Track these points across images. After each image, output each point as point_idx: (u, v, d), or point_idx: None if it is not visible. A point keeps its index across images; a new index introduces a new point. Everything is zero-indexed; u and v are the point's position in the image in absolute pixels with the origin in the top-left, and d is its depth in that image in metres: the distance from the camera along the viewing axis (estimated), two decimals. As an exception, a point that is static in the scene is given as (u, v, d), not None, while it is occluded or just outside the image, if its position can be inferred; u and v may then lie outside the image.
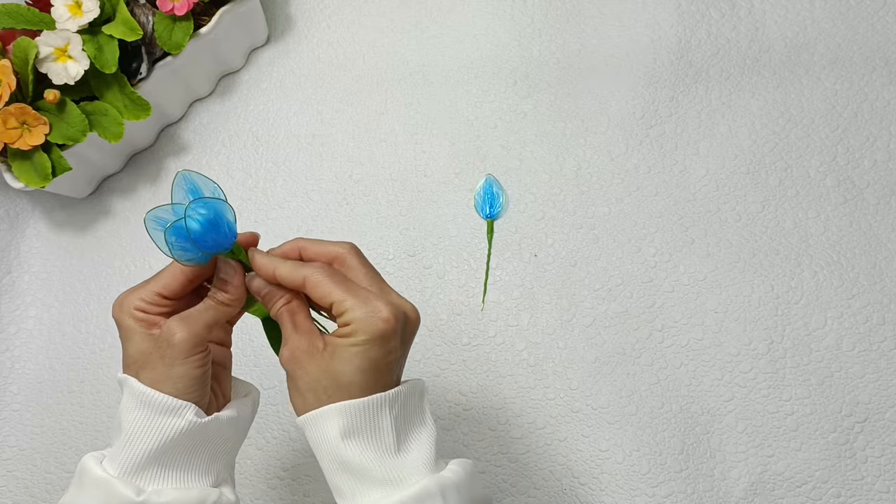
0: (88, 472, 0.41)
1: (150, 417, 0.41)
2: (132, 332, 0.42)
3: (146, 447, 0.40)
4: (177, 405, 0.40)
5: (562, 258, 0.70)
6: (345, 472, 0.40)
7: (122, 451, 0.41)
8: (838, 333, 0.65)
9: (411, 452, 0.41)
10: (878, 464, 0.61)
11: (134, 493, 0.40)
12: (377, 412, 0.40)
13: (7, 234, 0.75)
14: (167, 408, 0.40)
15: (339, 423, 0.39)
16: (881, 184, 0.70)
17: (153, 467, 0.41)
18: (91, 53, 0.65)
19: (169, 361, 0.41)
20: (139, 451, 0.40)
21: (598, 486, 0.62)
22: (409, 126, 0.76)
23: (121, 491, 0.40)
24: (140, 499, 0.40)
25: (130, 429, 0.41)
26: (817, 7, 0.77)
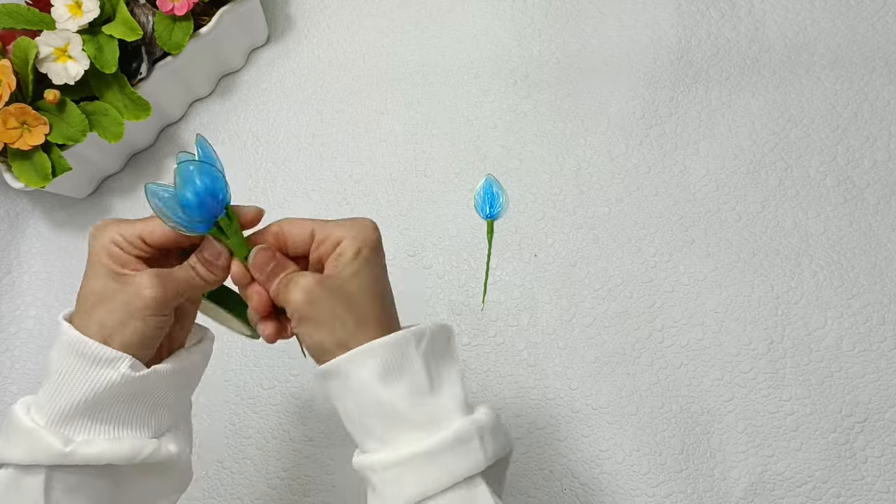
0: (15, 420, 0.39)
1: (81, 366, 0.38)
2: (100, 266, 0.39)
3: (76, 397, 0.38)
4: (111, 356, 0.38)
5: (562, 258, 0.70)
6: (379, 416, 0.38)
7: (50, 400, 0.38)
8: (838, 333, 0.65)
9: (444, 392, 0.39)
10: (878, 464, 0.61)
11: (62, 443, 0.38)
12: (405, 348, 0.39)
13: (7, 234, 0.75)
14: (100, 358, 0.38)
15: (373, 365, 0.38)
16: (881, 184, 0.70)
17: (83, 417, 0.39)
18: (91, 53, 0.65)
19: (129, 312, 0.38)
20: (68, 400, 0.38)
21: (598, 486, 0.62)
22: (409, 126, 0.76)
23: (48, 441, 0.38)
24: (68, 449, 0.38)
25: (60, 377, 0.38)
26: (817, 7, 0.77)
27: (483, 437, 0.38)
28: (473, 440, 0.38)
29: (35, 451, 0.38)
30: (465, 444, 0.38)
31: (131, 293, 0.39)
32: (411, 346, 0.39)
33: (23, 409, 0.39)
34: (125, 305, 0.39)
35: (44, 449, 0.38)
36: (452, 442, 0.38)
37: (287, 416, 0.67)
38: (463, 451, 0.38)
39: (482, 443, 0.38)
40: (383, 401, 0.38)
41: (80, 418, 0.39)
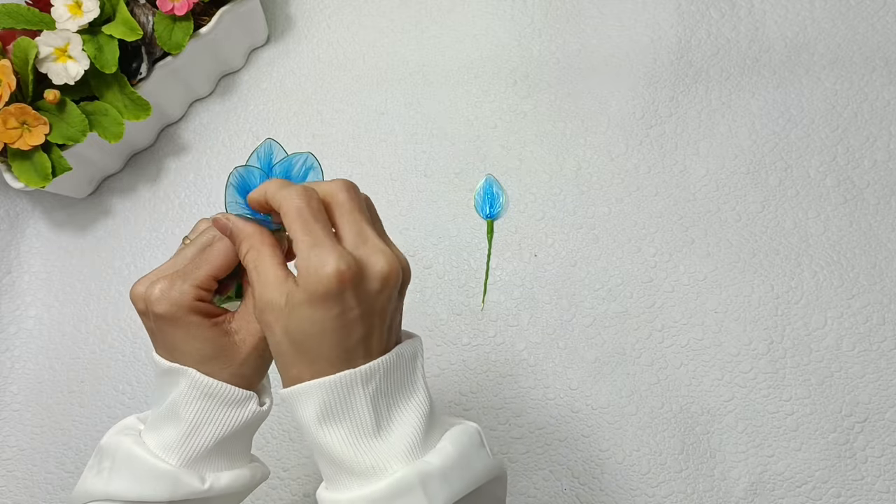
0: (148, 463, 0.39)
1: (216, 409, 0.40)
2: (196, 327, 0.38)
3: (211, 438, 0.40)
4: (243, 396, 0.40)
5: (562, 258, 0.70)
6: (323, 457, 0.37)
7: (185, 443, 0.40)
8: (838, 333, 0.65)
9: (393, 434, 0.36)
10: (878, 464, 0.61)
11: (200, 482, 0.40)
12: (349, 391, 0.35)
13: (7, 234, 0.75)
14: (234, 399, 0.40)
15: (314, 405, 0.35)
16: (881, 184, 0.70)
17: (213, 456, 0.41)
18: (91, 53, 0.65)
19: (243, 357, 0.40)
20: (204, 441, 0.40)
21: (598, 486, 0.62)
22: (409, 126, 0.76)
23: (187, 480, 0.39)
24: (205, 486, 0.40)
25: (193, 420, 0.40)
26: (817, 7, 0.77)
27: (427, 486, 0.35)
28: (415, 490, 0.34)
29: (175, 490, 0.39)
30: (405, 495, 0.35)
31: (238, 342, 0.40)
32: (356, 389, 0.35)
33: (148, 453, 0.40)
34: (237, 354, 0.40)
35: (184, 487, 0.39)
36: (389, 493, 0.34)
37: (287, 416, 0.67)
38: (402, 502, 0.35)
39: (425, 491, 0.35)
40: (323, 444, 0.36)
41: (212, 456, 0.41)
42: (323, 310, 0.33)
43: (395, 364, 0.36)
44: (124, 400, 0.68)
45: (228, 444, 0.41)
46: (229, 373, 0.40)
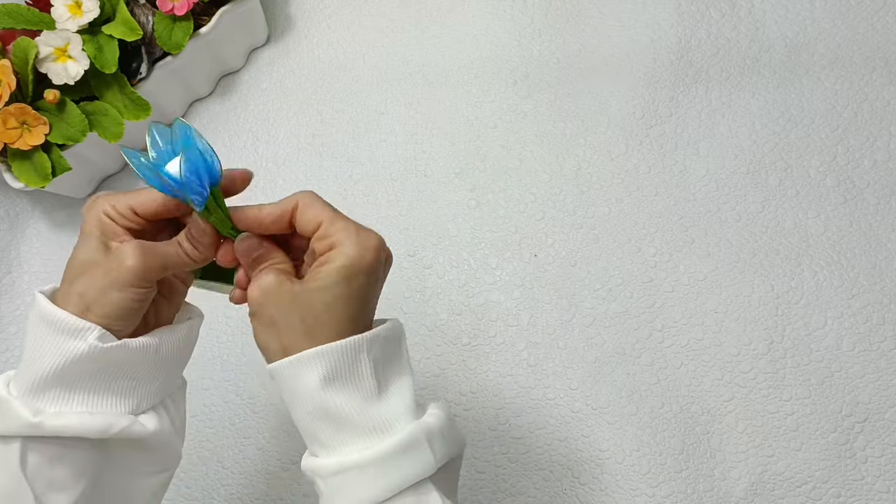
0: None
1: (52, 337, 0.38)
2: (90, 238, 0.39)
3: (46, 367, 0.38)
4: (80, 326, 0.38)
5: (562, 258, 0.70)
6: (325, 421, 0.38)
7: (24, 371, 0.39)
8: (838, 333, 0.65)
9: (392, 398, 0.38)
10: (878, 464, 0.61)
11: (30, 414, 0.37)
12: (356, 355, 0.37)
13: (7, 234, 0.75)
14: (69, 328, 0.38)
15: (319, 369, 0.37)
16: (881, 184, 0.70)
17: (56, 388, 0.38)
18: (91, 53, 0.65)
19: (109, 282, 0.38)
20: (39, 371, 0.38)
21: (598, 486, 0.62)
22: (409, 126, 0.76)
23: (17, 411, 0.37)
24: (36, 420, 0.37)
25: (31, 347, 0.39)
26: (817, 7, 0.77)
27: (432, 441, 0.38)
28: (422, 445, 0.37)
29: (7, 421, 0.38)
30: (414, 449, 0.37)
31: (113, 263, 0.38)
32: (362, 354, 0.38)
33: (3, 382, 0.39)
34: (106, 274, 0.38)
35: (14, 419, 0.37)
36: (400, 448, 0.37)
37: (287, 416, 0.66)
38: (411, 457, 0.37)
39: (431, 447, 0.37)
40: (329, 407, 0.37)
41: (53, 389, 0.38)
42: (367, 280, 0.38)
43: (390, 334, 0.39)
44: (124, 400, 0.68)
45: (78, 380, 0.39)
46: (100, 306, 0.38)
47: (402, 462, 0.37)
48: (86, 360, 0.38)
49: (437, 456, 0.38)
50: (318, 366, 0.37)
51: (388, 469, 0.37)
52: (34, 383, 0.38)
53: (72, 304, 0.38)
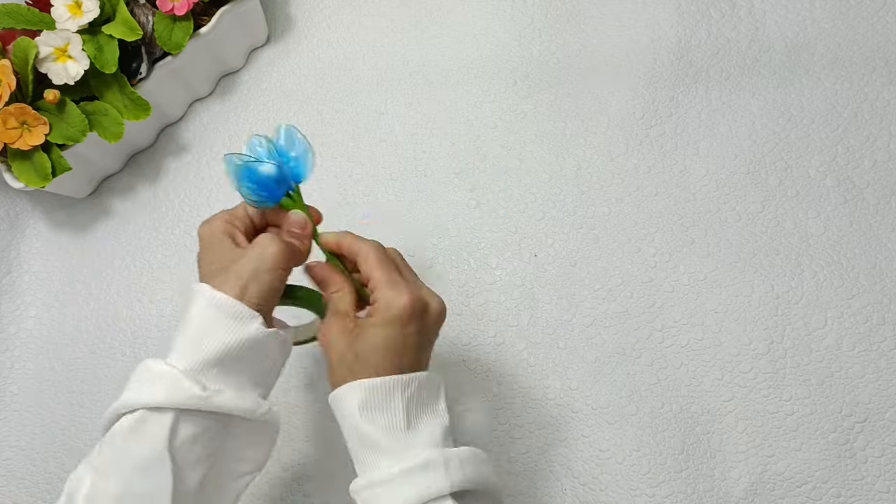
0: (152, 368, 0.43)
1: (221, 321, 0.43)
2: (218, 240, 0.47)
3: (213, 348, 0.43)
4: (247, 313, 0.43)
5: (562, 258, 0.70)
6: (361, 443, 0.44)
7: (189, 351, 0.43)
8: (838, 333, 0.65)
9: (420, 433, 0.44)
10: (878, 464, 0.61)
11: (200, 388, 0.41)
12: (390, 392, 0.44)
13: (7, 234, 0.75)
14: (238, 314, 0.43)
15: (357, 399, 0.43)
16: (881, 184, 0.70)
17: (216, 368, 0.43)
18: (91, 53, 0.65)
19: (259, 265, 0.45)
20: (206, 351, 0.43)
21: (598, 486, 0.62)
22: (409, 126, 0.76)
23: (186, 384, 0.41)
24: (205, 394, 0.42)
25: (200, 330, 0.43)
26: (817, 7, 0.77)
27: (449, 464, 0.43)
28: (438, 466, 0.42)
29: (172, 392, 0.41)
30: (431, 468, 0.42)
31: (257, 250, 0.45)
32: (397, 392, 0.44)
33: (156, 361, 0.43)
34: (255, 260, 0.45)
35: (183, 391, 0.41)
36: (416, 468, 0.42)
37: (287, 415, 0.67)
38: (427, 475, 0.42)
39: (447, 468, 0.43)
40: (363, 432, 0.43)
41: (213, 368, 0.43)
42: (392, 330, 0.45)
43: (428, 383, 0.46)
44: (124, 400, 0.68)
45: (234, 363, 0.44)
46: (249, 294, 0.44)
47: (417, 478, 0.42)
48: (249, 343, 0.44)
49: (453, 477, 0.42)
50: (357, 395, 0.44)
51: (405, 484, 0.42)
52: (200, 362, 0.43)
53: (230, 289, 0.44)
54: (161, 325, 0.71)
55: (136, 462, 0.41)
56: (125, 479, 0.40)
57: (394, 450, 0.43)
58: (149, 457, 0.41)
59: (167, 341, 0.69)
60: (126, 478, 0.41)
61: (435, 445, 0.44)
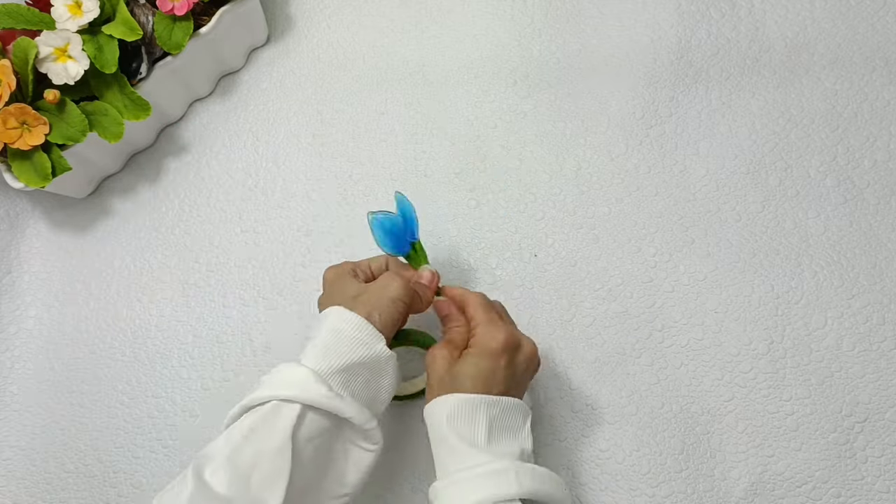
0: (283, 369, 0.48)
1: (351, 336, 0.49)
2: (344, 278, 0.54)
3: (341, 358, 0.48)
4: (374, 333, 0.50)
5: (562, 258, 0.70)
6: (444, 449, 0.49)
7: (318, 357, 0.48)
8: (838, 333, 0.65)
9: (498, 447, 0.49)
10: (878, 464, 0.61)
11: (326, 389, 0.47)
12: (476, 407, 0.49)
13: (7, 234, 0.75)
14: (366, 333, 0.49)
15: (447, 409, 0.49)
16: (881, 184, 0.70)
17: (340, 377, 0.48)
18: (91, 53, 0.65)
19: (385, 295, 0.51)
20: (334, 360, 0.48)
21: (598, 486, 0.62)
22: (409, 126, 0.76)
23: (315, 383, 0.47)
24: (331, 393, 0.47)
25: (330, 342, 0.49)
26: (817, 7, 0.77)
27: (519, 473, 0.47)
28: (509, 473, 0.47)
29: (303, 389, 0.46)
30: (502, 474, 0.47)
31: (383, 283, 0.53)
32: (481, 408, 0.49)
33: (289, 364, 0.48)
34: (380, 290, 0.52)
35: (312, 388, 0.46)
36: (490, 472, 0.47)
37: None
38: (498, 479, 0.47)
39: (517, 477, 0.47)
40: (447, 437, 0.49)
41: (339, 376, 0.48)
42: (486, 361, 0.51)
43: (513, 407, 0.51)
44: (124, 400, 0.68)
45: (358, 375, 0.49)
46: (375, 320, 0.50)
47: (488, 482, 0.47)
48: (371, 360, 0.50)
49: (523, 485, 0.47)
50: (446, 406, 0.49)
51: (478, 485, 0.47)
52: (327, 368, 0.48)
53: (360, 312, 0.50)
54: (161, 325, 0.71)
55: (263, 446, 0.45)
56: (251, 459, 0.44)
57: (471, 456, 0.48)
58: (275, 442, 0.45)
59: (168, 341, 0.70)
60: (252, 457, 0.44)
61: (510, 459, 0.48)
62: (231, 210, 0.75)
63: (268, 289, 0.71)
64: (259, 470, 0.44)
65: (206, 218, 0.75)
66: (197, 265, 0.73)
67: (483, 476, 0.47)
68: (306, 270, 0.71)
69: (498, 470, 0.47)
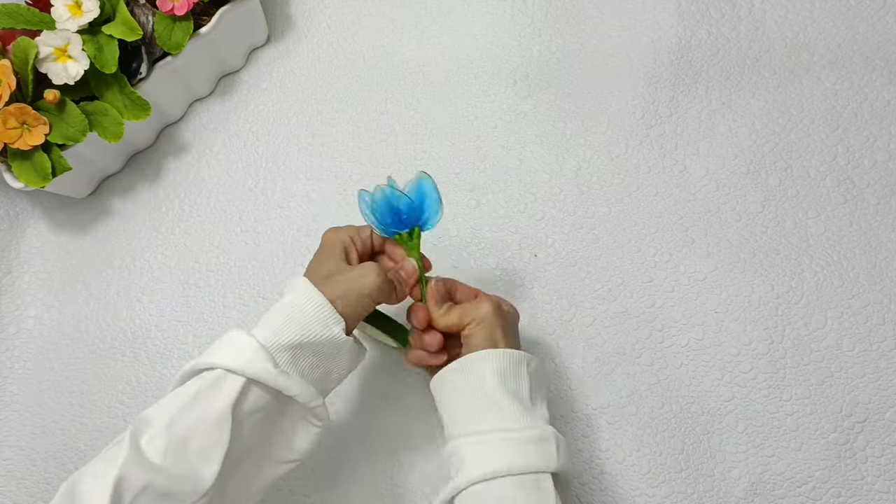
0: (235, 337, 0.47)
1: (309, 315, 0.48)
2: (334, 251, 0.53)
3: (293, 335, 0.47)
4: (334, 317, 0.49)
5: (562, 258, 0.70)
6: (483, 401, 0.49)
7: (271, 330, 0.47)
8: (838, 333, 0.65)
9: (538, 407, 0.50)
10: (878, 464, 0.61)
11: (272, 365, 0.46)
12: (519, 363, 0.51)
13: (7, 234, 0.75)
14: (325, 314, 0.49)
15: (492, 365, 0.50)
16: (881, 184, 0.70)
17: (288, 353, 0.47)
18: (91, 53, 0.65)
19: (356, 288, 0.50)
20: (286, 335, 0.47)
21: (598, 486, 0.62)
22: (409, 126, 0.76)
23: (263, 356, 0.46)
24: (275, 370, 0.46)
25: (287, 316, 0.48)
26: (817, 7, 0.77)
27: (559, 446, 0.48)
28: (551, 442, 0.48)
29: (249, 362, 0.45)
30: (544, 442, 0.48)
31: (358, 274, 0.51)
32: (523, 365, 0.51)
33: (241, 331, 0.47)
34: (354, 281, 0.51)
35: (258, 362, 0.45)
36: (535, 438, 0.48)
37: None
38: (540, 448, 0.47)
39: (557, 449, 0.48)
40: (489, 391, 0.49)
41: (287, 352, 0.47)
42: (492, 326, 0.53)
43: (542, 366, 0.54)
44: (124, 400, 0.68)
45: (308, 356, 0.48)
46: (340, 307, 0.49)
47: (531, 448, 0.47)
48: (326, 342, 0.49)
49: (561, 459, 0.48)
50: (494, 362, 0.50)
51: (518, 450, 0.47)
52: (277, 343, 0.47)
53: (326, 293, 0.49)
54: (161, 325, 0.71)
55: (203, 415, 0.44)
56: (189, 429, 0.44)
57: (515, 414, 0.48)
58: (215, 413, 0.44)
59: (168, 341, 0.70)
60: (190, 427, 0.44)
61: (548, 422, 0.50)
62: (231, 210, 0.75)
63: (268, 289, 0.71)
64: (196, 440, 0.44)
65: (206, 218, 0.75)
66: (197, 265, 0.73)
67: (525, 441, 0.47)
68: (306, 270, 0.71)
69: (543, 437, 0.48)
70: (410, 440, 0.64)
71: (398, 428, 0.64)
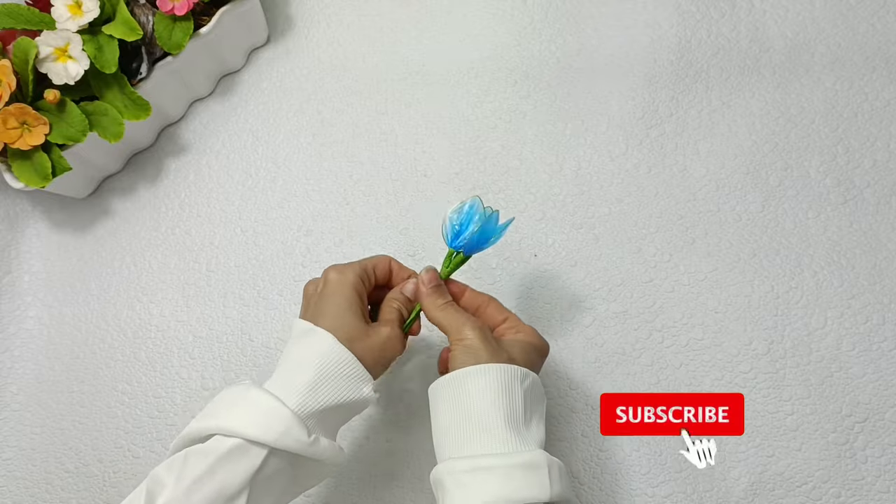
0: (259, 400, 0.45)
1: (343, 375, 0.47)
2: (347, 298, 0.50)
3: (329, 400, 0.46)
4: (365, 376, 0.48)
5: (562, 258, 0.70)
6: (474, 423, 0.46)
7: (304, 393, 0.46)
8: (838, 333, 0.65)
9: (532, 429, 0.47)
10: (878, 464, 0.61)
11: (306, 435, 0.45)
12: (512, 380, 0.47)
13: (7, 234, 0.75)
14: (358, 375, 0.47)
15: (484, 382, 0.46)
16: (881, 184, 0.70)
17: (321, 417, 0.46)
18: (91, 53, 0.65)
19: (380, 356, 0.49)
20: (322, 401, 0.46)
21: (598, 486, 0.62)
22: (409, 126, 0.76)
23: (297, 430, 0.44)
24: (310, 439, 0.45)
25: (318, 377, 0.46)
26: (817, 7, 0.77)
27: (551, 472, 0.44)
28: (543, 470, 0.44)
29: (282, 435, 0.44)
30: (535, 469, 0.44)
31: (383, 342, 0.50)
32: (517, 381, 0.47)
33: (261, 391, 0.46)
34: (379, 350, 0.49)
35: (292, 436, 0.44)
36: (524, 464, 0.44)
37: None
38: (532, 477, 0.44)
39: (550, 477, 0.44)
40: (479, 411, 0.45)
41: (319, 416, 0.46)
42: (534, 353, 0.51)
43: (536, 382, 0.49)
44: (124, 400, 0.68)
45: (335, 415, 0.47)
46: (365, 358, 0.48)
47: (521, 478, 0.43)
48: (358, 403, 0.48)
49: (554, 488, 0.44)
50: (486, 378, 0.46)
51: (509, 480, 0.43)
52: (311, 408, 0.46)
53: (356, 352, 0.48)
54: (161, 325, 0.71)
55: (221, 487, 0.43)
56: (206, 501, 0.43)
57: (507, 438, 0.45)
58: (234, 486, 0.43)
59: (168, 341, 0.70)
60: (208, 500, 0.43)
61: (541, 446, 0.46)
62: (231, 210, 0.75)
63: (268, 289, 0.71)
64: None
65: (206, 218, 0.75)
66: (197, 265, 0.73)
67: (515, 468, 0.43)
68: (306, 270, 0.71)
69: (535, 464, 0.44)
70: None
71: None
